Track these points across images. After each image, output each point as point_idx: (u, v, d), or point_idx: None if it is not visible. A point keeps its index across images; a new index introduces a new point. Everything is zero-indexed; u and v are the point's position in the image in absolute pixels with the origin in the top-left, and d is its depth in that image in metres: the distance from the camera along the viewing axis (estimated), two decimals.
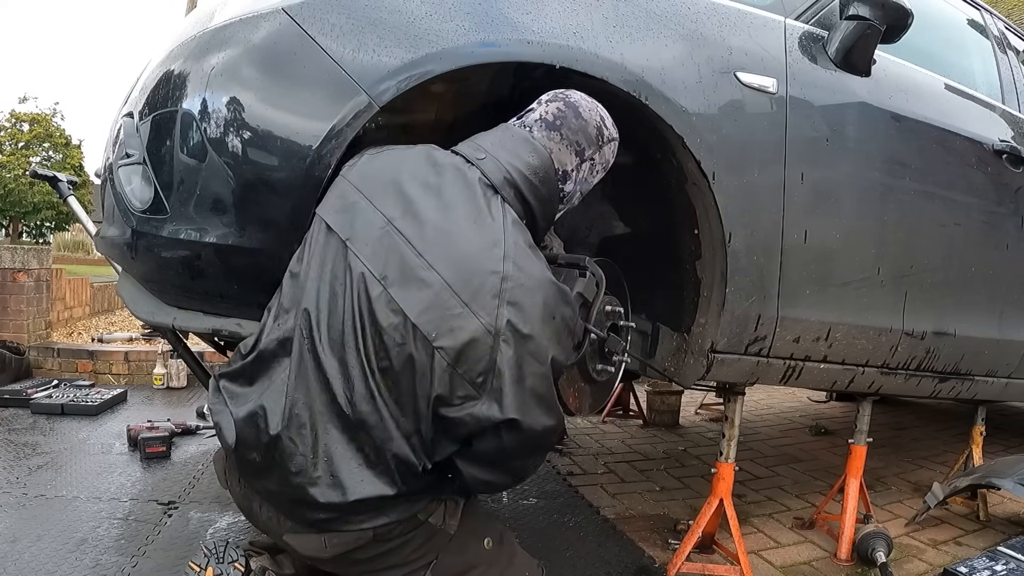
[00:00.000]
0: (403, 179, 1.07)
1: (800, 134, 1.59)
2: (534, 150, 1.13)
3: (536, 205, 1.13)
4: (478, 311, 0.96)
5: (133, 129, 1.37)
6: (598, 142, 1.20)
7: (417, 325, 0.95)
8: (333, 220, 1.06)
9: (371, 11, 1.22)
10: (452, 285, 0.97)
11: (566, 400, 1.35)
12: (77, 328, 5.47)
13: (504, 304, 0.96)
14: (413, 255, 0.99)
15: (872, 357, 1.88)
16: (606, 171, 1.26)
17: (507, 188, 1.09)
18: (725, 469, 1.84)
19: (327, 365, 0.99)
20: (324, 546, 1.04)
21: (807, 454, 3.19)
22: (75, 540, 1.83)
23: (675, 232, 1.61)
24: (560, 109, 1.18)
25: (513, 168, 1.10)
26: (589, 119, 1.19)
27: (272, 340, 1.05)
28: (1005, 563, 1.87)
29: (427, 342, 0.95)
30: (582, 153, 1.18)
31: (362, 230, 1.03)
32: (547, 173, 1.13)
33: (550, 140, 1.15)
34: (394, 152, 1.14)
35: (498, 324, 0.96)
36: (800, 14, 1.70)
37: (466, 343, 0.95)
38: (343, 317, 0.99)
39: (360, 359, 0.97)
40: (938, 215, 1.92)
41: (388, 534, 1.05)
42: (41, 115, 25.68)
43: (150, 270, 1.41)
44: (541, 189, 1.13)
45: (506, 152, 1.11)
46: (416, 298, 0.97)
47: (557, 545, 1.98)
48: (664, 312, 1.74)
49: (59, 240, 23.50)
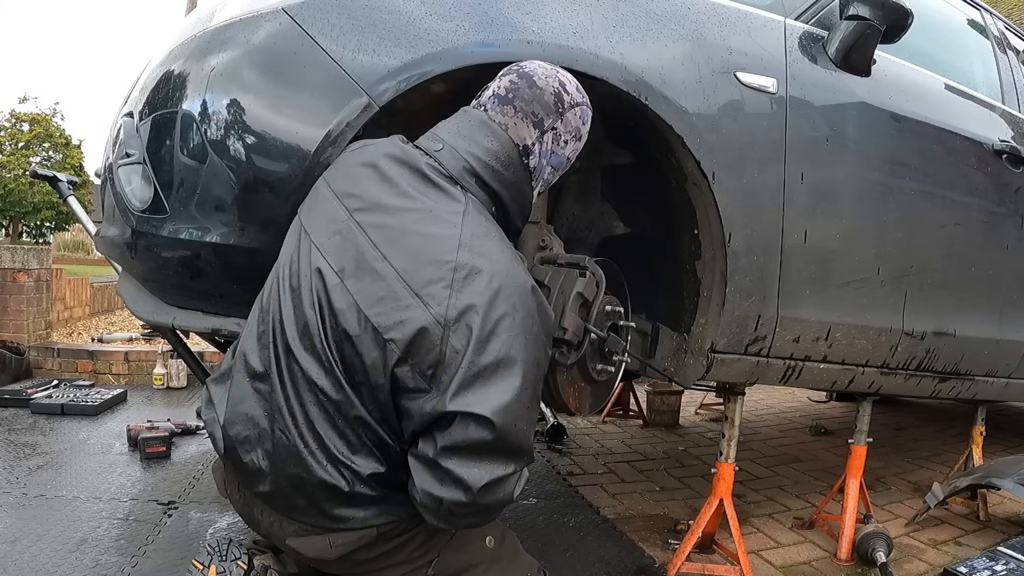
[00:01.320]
0: (364, 173, 1.06)
1: (800, 134, 1.59)
2: (492, 133, 1.08)
3: (502, 191, 1.08)
4: (429, 301, 0.92)
5: (133, 129, 1.37)
6: (557, 109, 1.11)
7: (368, 317, 0.94)
8: (304, 215, 1.07)
9: (371, 11, 1.22)
10: (403, 276, 0.94)
11: (566, 400, 1.35)
12: (77, 328, 5.47)
13: (456, 293, 0.92)
14: (369, 247, 0.97)
15: (872, 357, 1.88)
16: (579, 140, 1.18)
17: (467, 177, 1.05)
18: (725, 469, 1.84)
19: (300, 357, 0.98)
20: (329, 547, 1.03)
21: (807, 454, 3.19)
22: (75, 540, 1.83)
23: (675, 232, 1.61)
24: (512, 81, 1.11)
25: (471, 155, 1.06)
26: (545, 86, 1.11)
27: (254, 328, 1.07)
28: (1005, 563, 1.87)
29: (378, 334, 0.93)
30: (540, 124, 1.10)
31: (324, 224, 1.03)
32: (509, 156, 1.08)
33: (504, 115, 1.09)
34: (362, 148, 1.13)
35: (448, 315, 0.91)
36: (800, 14, 1.70)
37: (415, 334, 0.92)
38: (306, 310, 0.99)
39: (326, 350, 0.97)
40: (938, 215, 1.92)
41: (391, 532, 1.04)
42: (41, 115, 25.67)
43: (150, 270, 1.42)
44: (505, 173, 1.08)
45: (463, 140, 1.07)
46: (369, 290, 0.95)
47: (557, 545, 1.98)
48: (664, 312, 1.74)
49: (59, 240, 23.53)
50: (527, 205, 1.15)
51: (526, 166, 1.11)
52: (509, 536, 1.21)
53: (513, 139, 1.09)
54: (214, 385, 1.12)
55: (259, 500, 1.09)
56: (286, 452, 1.00)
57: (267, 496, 1.05)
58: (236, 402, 1.05)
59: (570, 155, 1.18)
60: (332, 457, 0.98)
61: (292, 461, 0.99)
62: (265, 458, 1.02)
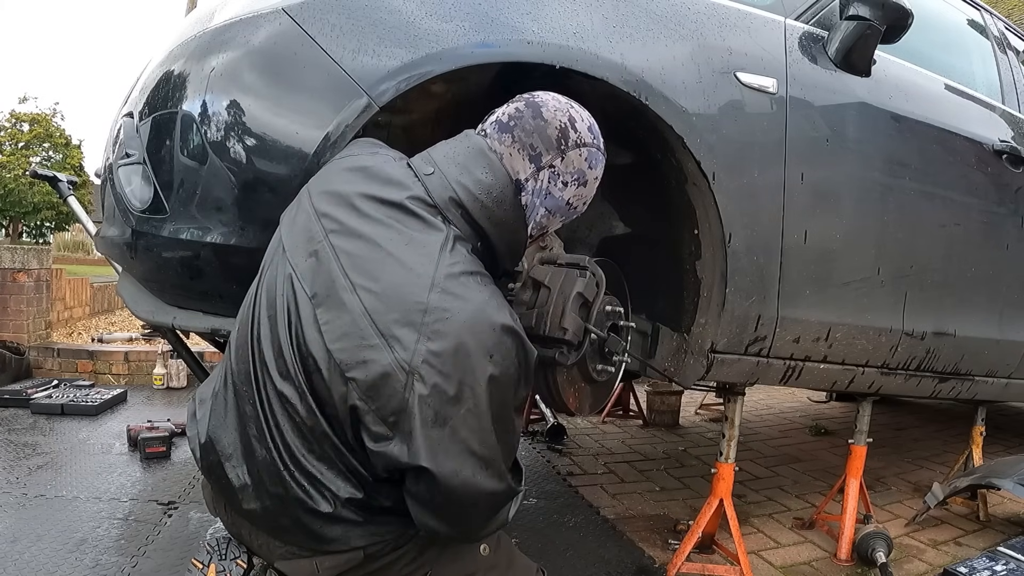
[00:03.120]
0: (347, 189, 1.00)
1: (800, 134, 1.59)
2: (488, 164, 1.00)
3: (490, 228, 0.99)
4: (394, 344, 0.86)
5: (133, 129, 1.37)
6: (559, 145, 1.02)
7: (332, 352, 0.88)
8: (284, 227, 1.03)
9: (371, 11, 1.22)
10: (371, 312, 0.88)
11: (566, 400, 1.35)
12: (77, 328, 5.47)
13: (423, 338, 0.85)
14: (340, 274, 0.91)
15: (872, 357, 1.88)
16: (583, 185, 1.08)
17: (452, 209, 0.97)
18: (725, 469, 1.84)
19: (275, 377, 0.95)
20: (316, 570, 1.00)
21: (807, 454, 3.19)
22: (75, 540, 1.83)
23: (675, 232, 1.61)
24: (518, 109, 1.04)
25: (460, 186, 0.98)
26: (551, 119, 1.03)
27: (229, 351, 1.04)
28: (1005, 563, 1.87)
29: (340, 371, 0.88)
30: (537, 159, 1.02)
31: (302, 242, 0.97)
32: (502, 191, 1.00)
33: (501, 143, 1.02)
34: (349, 158, 1.09)
35: (413, 361, 0.85)
36: (800, 14, 1.70)
37: (377, 378, 0.86)
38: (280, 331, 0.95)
39: (298, 375, 0.93)
40: (938, 215, 1.92)
41: (379, 552, 1.00)
42: (41, 115, 25.66)
43: (150, 270, 1.42)
44: (495, 210, 0.99)
45: (456, 168, 0.99)
46: (336, 323, 0.89)
47: (557, 545, 1.98)
48: (664, 312, 1.74)
49: (59, 240, 23.51)
50: (519, 247, 1.08)
51: (520, 204, 1.03)
52: (504, 541, 1.17)
53: (508, 171, 1.01)
54: (199, 400, 1.09)
55: (246, 521, 1.05)
56: (268, 470, 0.97)
57: (253, 515, 1.02)
58: (220, 416, 1.02)
59: (571, 200, 1.08)
60: (311, 478, 0.95)
61: (274, 480, 0.96)
62: (249, 475, 0.99)
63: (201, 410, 1.07)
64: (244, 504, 1.01)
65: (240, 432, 0.99)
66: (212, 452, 1.02)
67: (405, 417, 0.86)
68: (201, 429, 1.04)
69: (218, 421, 1.03)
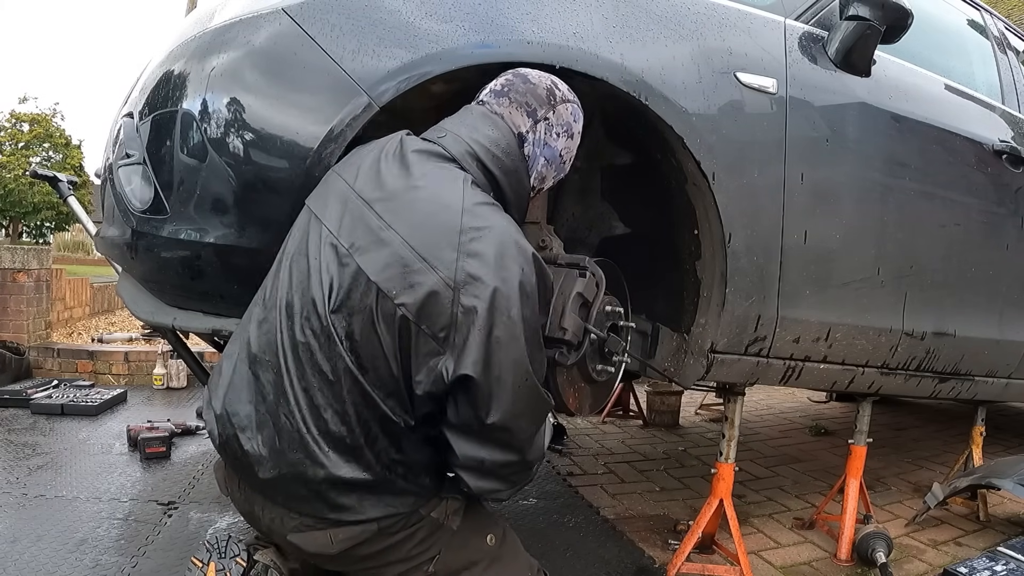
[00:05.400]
0: (370, 159, 1.10)
1: (800, 134, 1.59)
2: (492, 123, 1.14)
3: (501, 176, 1.12)
4: (436, 265, 0.96)
5: (133, 129, 1.37)
6: (550, 101, 1.18)
7: (377, 283, 0.96)
8: (313, 204, 1.09)
9: (371, 12, 1.22)
10: (409, 241, 0.97)
11: (566, 400, 1.35)
12: (77, 328, 5.47)
13: (463, 256, 0.96)
14: (375, 218, 1.01)
15: (872, 357, 1.88)
16: (572, 137, 1.22)
17: (468, 159, 1.09)
18: (725, 469, 1.84)
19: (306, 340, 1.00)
20: (330, 542, 1.05)
21: (807, 454, 3.19)
22: (75, 540, 1.83)
23: (675, 232, 1.61)
24: (508, 78, 1.19)
25: (473, 141, 1.11)
26: (538, 82, 1.19)
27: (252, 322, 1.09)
28: (1005, 563, 1.87)
29: (388, 300, 0.96)
30: (534, 113, 1.17)
31: (335, 208, 1.05)
32: (508, 143, 1.14)
33: (500, 106, 1.16)
34: (374, 142, 1.17)
35: (457, 277, 0.95)
36: (800, 14, 1.70)
37: (426, 297, 0.95)
38: (314, 290, 1.01)
39: (332, 330, 0.99)
40: (938, 215, 1.92)
41: (392, 527, 1.06)
42: (41, 115, 25.65)
43: (150, 270, 1.42)
44: (504, 160, 1.12)
45: (466, 128, 1.13)
46: (376, 258, 0.98)
47: (557, 545, 1.98)
48: (664, 312, 1.74)
49: (59, 240, 23.50)
50: (524, 198, 1.19)
51: (523, 156, 1.17)
52: (510, 535, 1.23)
53: (510, 126, 1.15)
54: (212, 383, 1.13)
55: (259, 494, 1.09)
56: (288, 437, 1.01)
57: (268, 485, 1.05)
58: (238, 390, 1.06)
59: (563, 151, 1.22)
60: (334, 440, 1.00)
61: (295, 447, 1.01)
62: (266, 445, 1.03)
63: (218, 388, 1.10)
64: (260, 474, 1.04)
65: (258, 402, 1.04)
66: (228, 425, 1.06)
67: (454, 331, 0.95)
68: (217, 403, 1.08)
69: (235, 395, 1.06)
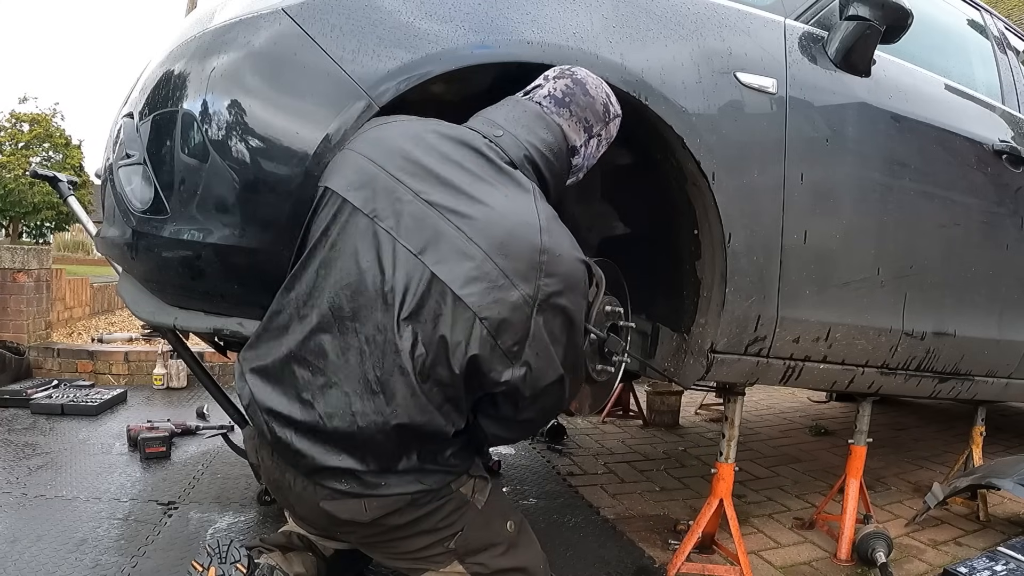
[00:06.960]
0: (418, 151, 1.09)
1: (800, 134, 1.59)
2: (548, 126, 1.17)
3: (551, 180, 1.18)
4: (519, 283, 1.01)
5: (133, 129, 1.37)
6: (605, 118, 1.24)
7: (460, 296, 1.00)
8: (355, 197, 1.07)
9: (371, 12, 1.22)
10: (493, 258, 1.01)
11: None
12: (77, 328, 5.47)
13: (543, 276, 1.02)
14: (452, 228, 1.02)
15: (872, 357, 1.88)
16: (609, 144, 1.31)
17: (526, 165, 1.13)
18: (725, 469, 1.84)
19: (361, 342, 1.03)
20: (364, 510, 1.09)
21: (807, 454, 3.19)
22: (75, 540, 1.83)
23: (675, 232, 1.61)
24: (568, 86, 1.21)
25: (531, 145, 1.14)
26: (596, 96, 1.22)
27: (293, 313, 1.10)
28: (1005, 563, 1.87)
29: (469, 311, 0.99)
30: (590, 129, 1.22)
31: (388, 204, 1.05)
32: (560, 149, 1.18)
33: (560, 116, 1.19)
34: (401, 123, 1.15)
35: (537, 295, 1.01)
36: (800, 14, 1.70)
37: (508, 314, 1.00)
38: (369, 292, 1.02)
39: (391, 334, 1.01)
40: (938, 215, 1.92)
41: (423, 499, 1.10)
42: (41, 115, 25.61)
43: (150, 270, 1.42)
44: (555, 164, 1.18)
45: (523, 129, 1.15)
46: (456, 270, 1.00)
47: (557, 545, 1.97)
48: (664, 312, 1.74)
49: (59, 240, 23.53)
50: (559, 193, 1.26)
51: (570, 163, 1.23)
52: (526, 527, 1.28)
53: (566, 137, 1.20)
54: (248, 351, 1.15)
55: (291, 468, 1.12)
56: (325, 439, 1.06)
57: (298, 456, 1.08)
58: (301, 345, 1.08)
59: (598, 156, 1.30)
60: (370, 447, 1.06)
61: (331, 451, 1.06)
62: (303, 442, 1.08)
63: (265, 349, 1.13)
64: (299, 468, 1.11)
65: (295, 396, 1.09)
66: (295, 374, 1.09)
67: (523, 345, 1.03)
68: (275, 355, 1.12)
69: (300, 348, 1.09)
